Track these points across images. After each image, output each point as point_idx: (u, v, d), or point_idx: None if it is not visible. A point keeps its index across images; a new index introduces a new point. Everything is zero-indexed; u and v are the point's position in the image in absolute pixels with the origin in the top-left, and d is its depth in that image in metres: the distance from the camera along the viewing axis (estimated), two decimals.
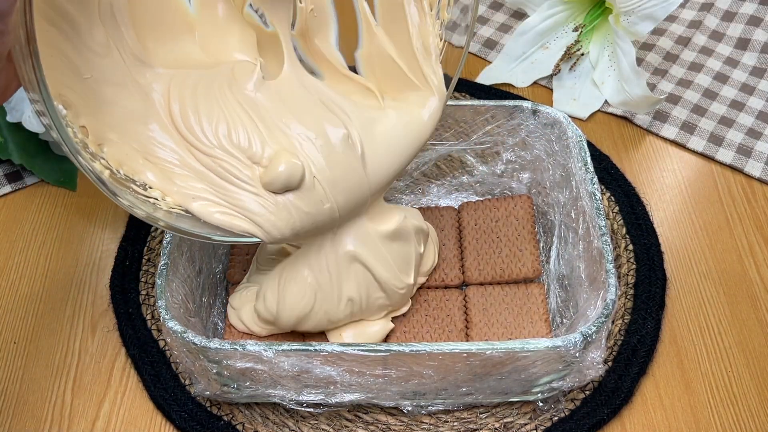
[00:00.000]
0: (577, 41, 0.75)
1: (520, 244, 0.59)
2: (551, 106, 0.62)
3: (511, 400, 0.54)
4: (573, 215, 0.55)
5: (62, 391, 0.55)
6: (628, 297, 0.60)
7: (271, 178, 0.44)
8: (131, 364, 0.57)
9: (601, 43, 0.74)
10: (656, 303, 0.59)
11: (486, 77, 0.76)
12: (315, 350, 0.45)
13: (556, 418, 0.54)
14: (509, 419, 0.54)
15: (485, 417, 0.54)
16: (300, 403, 0.51)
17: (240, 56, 0.49)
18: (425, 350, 0.45)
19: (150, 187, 0.44)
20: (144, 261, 0.62)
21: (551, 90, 0.76)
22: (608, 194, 0.67)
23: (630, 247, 0.63)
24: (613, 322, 0.58)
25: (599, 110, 0.74)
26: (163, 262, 0.49)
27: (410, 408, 0.52)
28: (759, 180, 0.69)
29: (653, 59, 0.78)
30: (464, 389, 0.50)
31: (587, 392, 0.55)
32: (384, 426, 0.54)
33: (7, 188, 0.68)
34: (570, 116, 0.59)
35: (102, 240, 0.64)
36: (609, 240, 0.50)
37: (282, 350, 0.45)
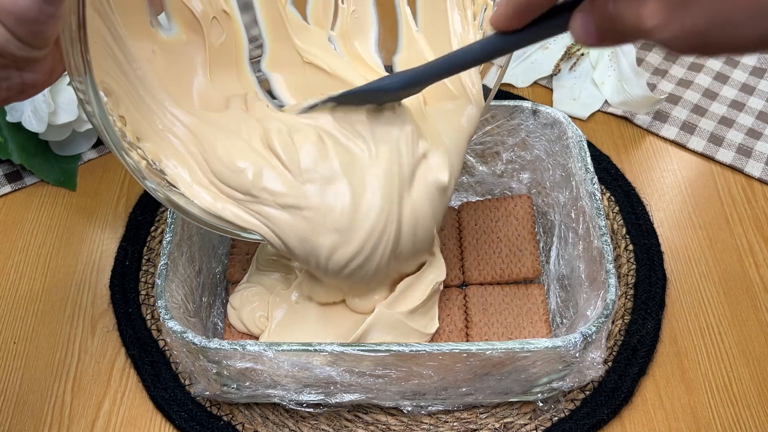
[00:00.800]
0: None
1: (520, 244, 0.59)
2: (551, 106, 0.62)
3: (511, 401, 0.54)
4: (573, 215, 0.55)
5: (62, 391, 0.55)
6: (628, 297, 0.60)
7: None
8: (131, 364, 0.57)
9: None
10: (656, 303, 0.59)
11: (486, 77, 0.76)
12: (315, 350, 0.45)
13: (556, 419, 0.54)
14: (509, 419, 0.54)
15: (485, 417, 0.54)
16: (300, 403, 0.51)
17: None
18: (425, 350, 0.45)
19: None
20: (144, 261, 0.62)
21: (551, 90, 0.76)
22: (608, 194, 0.67)
23: (630, 247, 0.63)
24: (613, 323, 0.58)
25: (599, 110, 0.74)
26: (163, 263, 0.49)
27: (410, 408, 0.52)
28: (759, 180, 0.69)
29: (653, 59, 0.78)
30: (464, 389, 0.50)
31: (587, 392, 0.55)
32: (384, 426, 0.54)
33: (7, 188, 0.68)
34: (570, 116, 0.59)
35: (102, 240, 0.64)
36: (609, 240, 0.50)
37: (282, 350, 0.45)
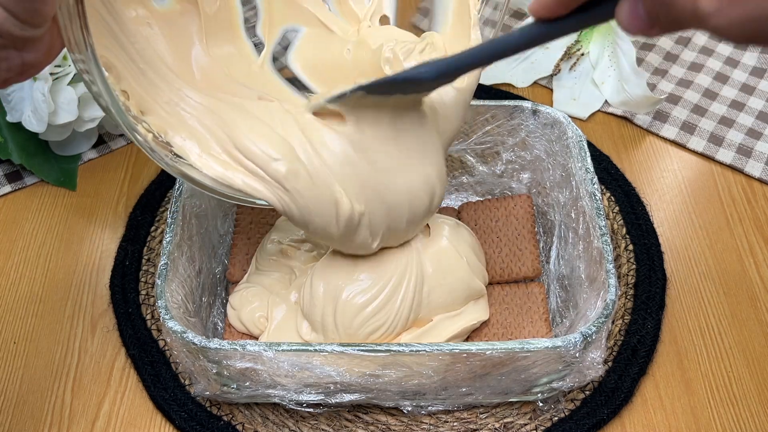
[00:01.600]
0: (577, 41, 0.75)
1: (520, 244, 0.59)
2: (551, 106, 0.62)
3: (511, 401, 0.54)
4: (573, 215, 0.55)
5: (62, 391, 0.55)
6: (628, 297, 0.60)
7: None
8: (131, 364, 0.57)
9: (601, 43, 0.74)
10: (656, 303, 0.59)
11: (486, 77, 0.76)
12: (315, 350, 0.45)
13: (556, 419, 0.54)
14: (509, 419, 0.54)
15: (485, 417, 0.54)
16: (300, 403, 0.51)
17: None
18: (425, 350, 0.45)
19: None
20: (144, 261, 0.62)
21: (551, 90, 0.76)
22: (608, 194, 0.67)
23: (630, 247, 0.63)
24: (613, 323, 0.58)
25: (599, 110, 0.74)
26: (163, 262, 0.49)
27: (410, 408, 0.52)
28: (759, 180, 0.69)
29: (653, 59, 0.78)
30: (464, 389, 0.50)
31: (587, 392, 0.55)
32: (384, 426, 0.54)
33: (7, 188, 0.68)
34: (570, 116, 0.59)
35: (102, 240, 0.64)
36: (609, 240, 0.50)
37: (282, 350, 0.45)
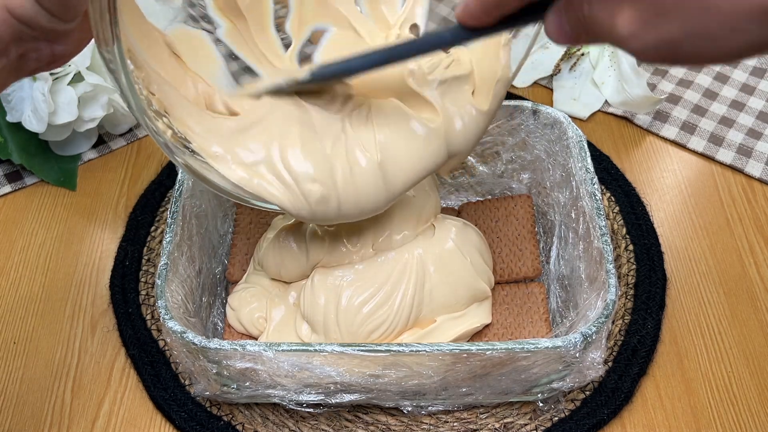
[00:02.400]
0: None
1: (520, 244, 0.59)
2: (551, 106, 0.62)
3: (511, 401, 0.54)
4: (573, 215, 0.55)
5: (62, 391, 0.55)
6: (629, 297, 0.60)
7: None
8: (131, 364, 0.57)
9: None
10: (656, 303, 0.59)
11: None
12: (315, 350, 0.45)
13: (557, 419, 0.54)
14: (509, 419, 0.54)
15: (485, 417, 0.54)
16: (300, 404, 0.51)
17: None
18: (425, 350, 0.45)
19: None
20: (144, 261, 0.62)
21: (551, 90, 0.76)
22: (608, 194, 0.66)
23: (630, 248, 0.63)
24: (614, 323, 0.58)
25: (599, 110, 0.74)
26: (163, 263, 0.49)
27: (410, 408, 0.52)
28: (759, 180, 0.69)
29: None
30: (464, 389, 0.50)
31: (587, 392, 0.55)
32: (384, 426, 0.54)
33: (7, 188, 0.68)
34: (570, 116, 0.59)
35: (102, 240, 0.64)
36: (609, 240, 0.50)
37: (282, 350, 0.45)
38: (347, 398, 0.50)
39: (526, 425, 0.53)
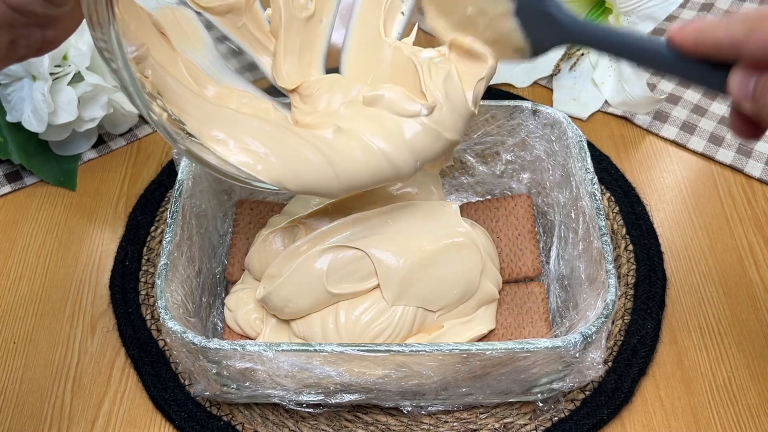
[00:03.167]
0: None
1: (520, 244, 0.59)
2: (551, 106, 0.62)
3: (511, 401, 0.54)
4: (573, 215, 0.55)
5: (62, 391, 0.55)
6: (628, 297, 0.60)
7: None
8: (131, 364, 0.57)
9: None
10: (656, 303, 0.59)
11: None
12: (315, 350, 0.45)
13: (556, 419, 0.54)
14: (509, 419, 0.54)
15: (485, 417, 0.54)
16: (300, 404, 0.51)
17: None
18: (425, 350, 0.45)
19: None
20: (143, 261, 0.62)
21: (551, 90, 0.76)
22: (608, 194, 0.66)
23: (630, 248, 0.63)
24: (613, 323, 0.58)
25: (599, 110, 0.74)
26: (163, 263, 0.49)
27: (410, 408, 0.52)
28: (759, 180, 0.69)
29: None
30: (464, 389, 0.50)
31: (587, 393, 0.55)
32: (384, 426, 0.54)
33: (7, 188, 0.68)
34: (570, 116, 0.59)
35: (102, 240, 0.64)
36: (609, 240, 0.50)
37: (282, 350, 0.45)
38: (347, 398, 0.50)
39: (526, 425, 0.53)
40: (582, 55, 0.76)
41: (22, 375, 0.56)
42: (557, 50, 0.76)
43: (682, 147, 0.72)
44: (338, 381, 0.47)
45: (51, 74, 0.62)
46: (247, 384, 0.49)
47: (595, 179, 0.53)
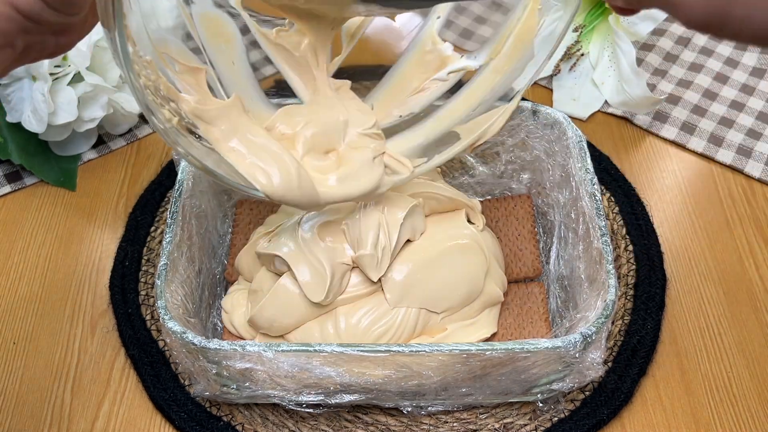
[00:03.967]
0: (577, 41, 0.75)
1: (520, 244, 0.59)
2: (551, 107, 0.62)
3: (511, 401, 0.54)
4: (573, 216, 0.55)
5: (62, 391, 0.55)
6: (628, 297, 0.60)
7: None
8: (131, 365, 0.57)
9: (601, 44, 0.74)
10: (656, 303, 0.59)
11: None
12: (315, 350, 0.45)
13: (556, 419, 0.54)
14: (509, 420, 0.54)
15: (485, 417, 0.54)
16: (299, 404, 0.51)
17: None
18: (425, 350, 0.45)
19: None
20: (143, 261, 0.62)
21: (551, 90, 0.76)
22: (608, 195, 0.66)
23: (630, 248, 0.63)
24: (613, 323, 0.58)
25: (599, 110, 0.74)
26: (163, 263, 0.49)
27: (410, 408, 0.52)
28: (759, 180, 0.69)
29: (653, 59, 0.78)
30: (464, 390, 0.50)
31: (587, 393, 0.55)
32: (384, 426, 0.54)
33: (7, 188, 0.68)
34: (570, 116, 0.58)
35: (101, 240, 0.64)
36: (609, 240, 0.50)
37: (282, 350, 0.45)
38: (347, 398, 0.50)
39: (526, 425, 0.53)
40: (582, 56, 0.76)
41: (22, 375, 0.56)
42: (557, 50, 0.76)
43: (682, 147, 0.72)
44: (338, 381, 0.47)
45: (51, 74, 0.62)
46: (247, 384, 0.49)
47: (595, 179, 0.53)
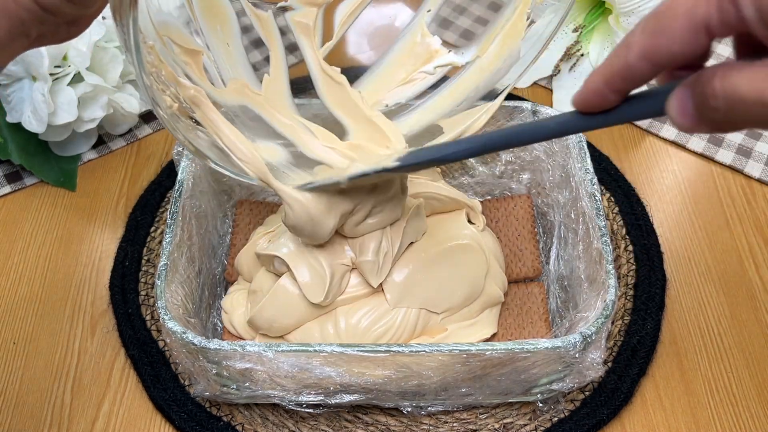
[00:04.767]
0: (577, 42, 0.75)
1: (520, 244, 0.59)
2: (551, 107, 0.62)
3: (511, 401, 0.54)
4: (573, 216, 0.55)
5: (62, 392, 0.55)
6: (628, 298, 0.60)
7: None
8: (131, 365, 0.57)
9: (601, 44, 0.74)
10: (656, 303, 0.59)
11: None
12: (315, 351, 0.45)
13: (556, 419, 0.54)
14: (509, 420, 0.54)
15: (485, 418, 0.54)
16: (299, 404, 0.51)
17: None
18: (425, 350, 0.45)
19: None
20: (143, 261, 0.62)
21: (551, 90, 0.76)
22: (608, 195, 0.66)
23: (630, 248, 0.63)
24: (613, 323, 0.58)
25: None
26: (163, 263, 0.49)
27: (410, 409, 0.52)
28: (759, 180, 0.69)
29: None
30: (464, 390, 0.50)
31: (587, 393, 0.55)
32: (383, 426, 0.54)
33: (7, 188, 0.68)
34: None
35: (101, 240, 0.64)
36: (609, 241, 0.50)
37: (282, 351, 0.45)
38: (347, 398, 0.50)
39: (526, 426, 0.53)
40: (582, 56, 0.76)
41: (22, 375, 0.56)
42: (557, 51, 0.76)
43: (682, 147, 0.72)
44: (338, 381, 0.47)
45: (51, 75, 0.62)
46: (247, 384, 0.49)
47: (595, 180, 0.53)
